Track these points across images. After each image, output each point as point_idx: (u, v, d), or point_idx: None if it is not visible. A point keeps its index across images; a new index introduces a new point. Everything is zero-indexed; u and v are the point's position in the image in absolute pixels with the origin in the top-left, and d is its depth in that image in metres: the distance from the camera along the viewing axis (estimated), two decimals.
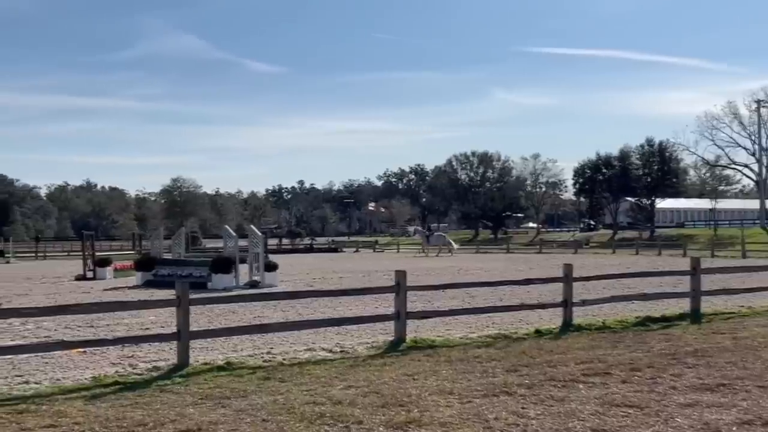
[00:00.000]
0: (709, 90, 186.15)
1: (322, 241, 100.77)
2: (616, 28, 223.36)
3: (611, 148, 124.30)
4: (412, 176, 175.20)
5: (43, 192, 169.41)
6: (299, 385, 8.71)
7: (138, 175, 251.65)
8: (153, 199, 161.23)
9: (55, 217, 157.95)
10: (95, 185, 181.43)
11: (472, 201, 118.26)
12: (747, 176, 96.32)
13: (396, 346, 11.57)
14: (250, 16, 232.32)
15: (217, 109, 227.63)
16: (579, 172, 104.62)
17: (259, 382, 8.92)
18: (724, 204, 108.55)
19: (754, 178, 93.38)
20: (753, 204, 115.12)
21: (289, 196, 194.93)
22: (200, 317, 15.12)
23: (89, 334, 13.74)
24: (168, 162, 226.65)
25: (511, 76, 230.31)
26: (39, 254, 70.46)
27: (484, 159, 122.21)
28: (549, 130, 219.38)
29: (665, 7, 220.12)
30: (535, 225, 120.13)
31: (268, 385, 8.75)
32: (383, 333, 12.93)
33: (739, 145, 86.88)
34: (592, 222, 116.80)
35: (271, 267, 26.23)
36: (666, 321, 14.12)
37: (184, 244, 32.19)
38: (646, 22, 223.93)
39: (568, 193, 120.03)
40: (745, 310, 15.89)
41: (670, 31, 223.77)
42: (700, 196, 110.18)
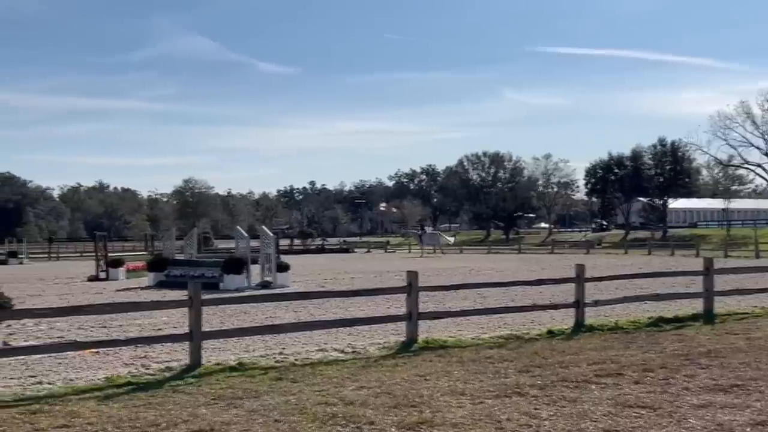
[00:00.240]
0: (722, 89, 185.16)
1: (334, 241, 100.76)
2: (628, 28, 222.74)
3: (623, 148, 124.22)
4: (424, 177, 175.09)
5: (56, 193, 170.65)
6: (311, 386, 8.72)
7: (150, 176, 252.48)
8: (165, 199, 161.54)
9: (68, 218, 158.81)
10: (108, 186, 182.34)
11: (483, 201, 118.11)
12: (760, 176, 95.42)
13: (408, 347, 11.57)
14: (260, 17, 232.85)
15: (228, 110, 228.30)
16: (591, 172, 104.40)
17: (272, 383, 8.93)
18: (737, 204, 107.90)
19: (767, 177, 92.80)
20: (766, 204, 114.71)
21: (301, 197, 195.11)
22: (212, 318, 15.15)
23: (102, 334, 13.80)
24: (180, 163, 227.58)
25: (522, 76, 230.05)
26: (52, 255, 70.78)
27: (496, 159, 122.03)
28: (560, 131, 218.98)
29: (678, 6, 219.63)
30: (547, 225, 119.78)
31: (280, 386, 8.76)
32: (395, 333, 12.92)
33: (752, 145, 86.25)
34: (604, 222, 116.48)
35: (283, 267, 26.27)
36: (679, 321, 14.06)
37: (196, 244, 32.26)
38: (659, 21, 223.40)
39: (580, 194, 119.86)
40: (759, 311, 15.80)
41: (683, 31, 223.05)
42: (713, 196, 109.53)
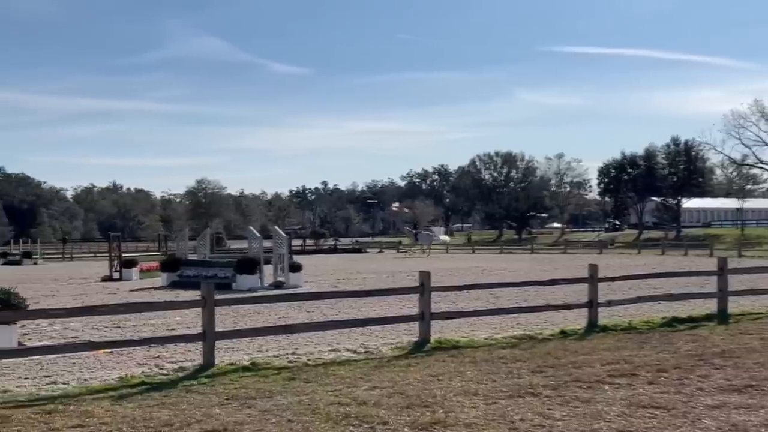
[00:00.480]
0: (736, 88, 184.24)
1: (346, 241, 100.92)
2: (641, 27, 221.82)
3: (636, 148, 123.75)
4: (436, 177, 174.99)
5: (70, 194, 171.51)
6: (324, 386, 8.72)
7: (163, 177, 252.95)
8: (178, 200, 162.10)
9: (82, 218, 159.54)
10: (121, 187, 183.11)
11: (496, 201, 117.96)
12: None
13: (420, 347, 11.56)
14: (272, 17, 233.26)
15: (240, 111, 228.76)
16: (604, 172, 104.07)
17: (285, 383, 8.95)
18: (752, 203, 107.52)
19: None
20: None
21: (313, 197, 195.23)
22: (225, 318, 15.20)
23: (116, 334, 13.87)
24: (192, 163, 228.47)
25: (535, 76, 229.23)
26: (66, 255, 71.19)
27: (508, 159, 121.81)
28: (573, 130, 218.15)
29: (691, 5, 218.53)
30: (560, 225, 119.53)
31: (293, 386, 8.78)
32: (407, 334, 12.92)
33: (766, 144, 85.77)
34: (617, 222, 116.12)
35: (296, 268, 26.32)
36: (693, 321, 14.00)
37: (209, 245, 32.39)
38: (673, 20, 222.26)
39: (593, 193, 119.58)
40: None
41: (697, 30, 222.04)
42: (727, 195, 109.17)
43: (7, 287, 12.30)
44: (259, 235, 27.92)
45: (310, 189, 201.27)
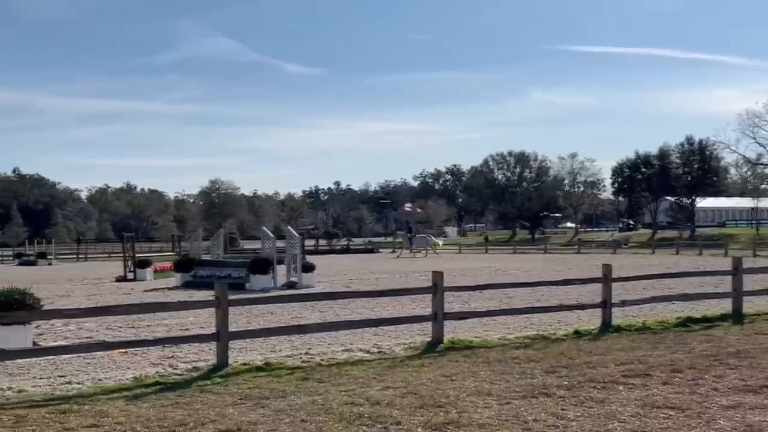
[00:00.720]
0: (750, 88, 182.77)
1: (359, 241, 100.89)
2: (655, 26, 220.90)
3: (650, 147, 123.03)
4: (449, 176, 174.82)
5: (84, 194, 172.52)
6: (337, 386, 8.73)
7: (176, 177, 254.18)
8: (191, 200, 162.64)
9: (96, 219, 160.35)
10: (135, 187, 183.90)
11: (509, 201, 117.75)
12: None
13: (433, 347, 11.56)
14: (284, 18, 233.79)
15: (252, 111, 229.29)
16: (618, 172, 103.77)
17: (298, 383, 8.96)
18: (767, 203, 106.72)
19: None
20: None
21: (326, 197, 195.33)
22: (239, 318, 15.23)
23: (130, 334, 13.92)
24: (205, 164, 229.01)
25: (548, 76, 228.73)
26: (80, 256, 71.46)
27: (521, 159, 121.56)
28: (586, 130, 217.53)
29: (706, 3, 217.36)
30: (574, 225, 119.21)
31: (306, 386, 8.79)
32: (420, 334, 12.91)
33: None
34: (631, 222, 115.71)
35: (309, 268, 26.35)
36: (707, 321, 13.94)
37: (223, 245, 32.46)
38: (687, 19, 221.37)
39: (607, 193, 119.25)
40: None
41: (711, 29, 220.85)
42: (742, 194, 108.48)
43: (23, 287, 12.36)
44: (272, 235, 27.96)
45: (323, 189, 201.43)
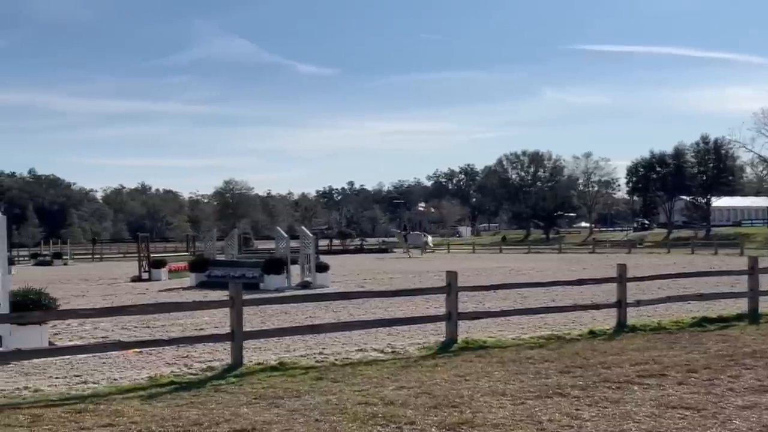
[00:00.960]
0: (766, 87, 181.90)
1: (373, 241, 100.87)
2: (669, 25, 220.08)
3: (665, 146, 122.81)
4: (462, 176, 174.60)
5: (99, 195, 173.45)
6: (351, 386, 8.73)
7: (191, 177, 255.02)
8: (206, 201, 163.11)
9: (111, 219, 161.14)
10: (149, 188, 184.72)
11: (523, 201, 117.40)
12: None
13: (447, 347, 11.54)
14: (298, 19, 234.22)
15: (267, 111, 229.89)
16: (632, 171, 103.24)
17: (312, 383, 8.97)
18: None
19: None
20: None
21: (339, 197, 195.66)
22: (253, 318, 15.26)
23: (145, 334, 13.98)
24: (219, 164, 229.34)
25: (562, 75, 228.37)
26: (95, 256, 71.92)
27: (535, 158, 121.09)
28: (601, 129, 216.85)
29: (721, 2, 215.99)
30: (588, 224, 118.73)
31: (320, 386, 8.80)
32: (434, 334, 12.91)
33: None
34: (646, 221, 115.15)
35: (323, 268, 26.40)
36: (723, 321, 13.86)
37: (237, 245, 32.54)
38: (702, 18, 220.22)
39: (621, 192, 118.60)
40: None
41: (726, 27, 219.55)
42: (757, 194, 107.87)
43: (38, 288, 12.45)
44: (286, 235, 28.01)
45: (337, 189, 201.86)
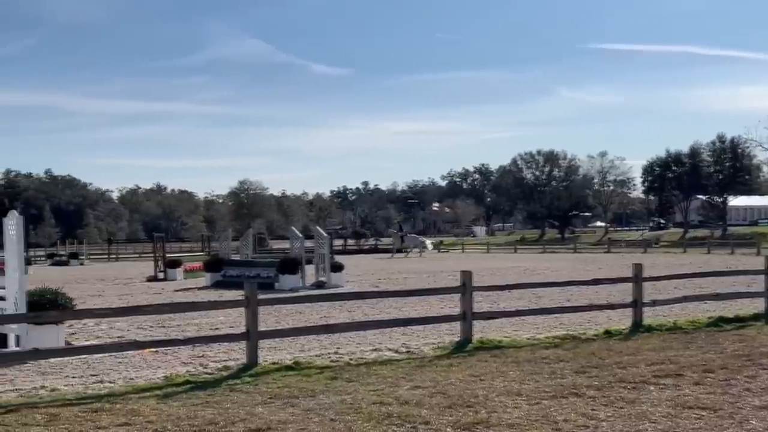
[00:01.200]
0: None
1: (387, 241, 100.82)
2: (684, 24, 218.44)
3: (681, 145, 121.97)
4: (477, 176, 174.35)
5: (115, 195, 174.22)
6: (366, 385, 8.74)
7: (206, 178, 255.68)
8: (221, 201, 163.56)
9: (127, 219, 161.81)
10: (165, 188, 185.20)
11: (537, 200, 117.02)
12: None
13: (462, 347, 11.53)
14: (312, 19, 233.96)
15: (281, 112, 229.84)
16: (648, 170, 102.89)
17: (327, 382, 8.99)
18: None
19: None
20: None
21: (354, 197, 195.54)
22: (268, 317, 15.29)
23: (161, 334, 14.02)
24: (234, 164, 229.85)
25: (576, 74, 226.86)
26: (111, 256, 72.14)
27: (550, 158, 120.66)
28: (616, 128, 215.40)
29: (735, 1, 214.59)
30: (603, 224, 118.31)
31: (335, 385, 8.81)
32: (449, 333, 12.90)
33: None
34: (661, 221, 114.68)
35: (337, 267, 26.43)
36: (740, 321, 13.79)
37: (252, 245, 32.65)
38: (718, 16, 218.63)
39: (637, 192, 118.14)
40: None
41: (742, 26, 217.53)
42: None
43: (55, 287, 12.53)
44: (300, 235, 28.07)
45: (351, 189, 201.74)
